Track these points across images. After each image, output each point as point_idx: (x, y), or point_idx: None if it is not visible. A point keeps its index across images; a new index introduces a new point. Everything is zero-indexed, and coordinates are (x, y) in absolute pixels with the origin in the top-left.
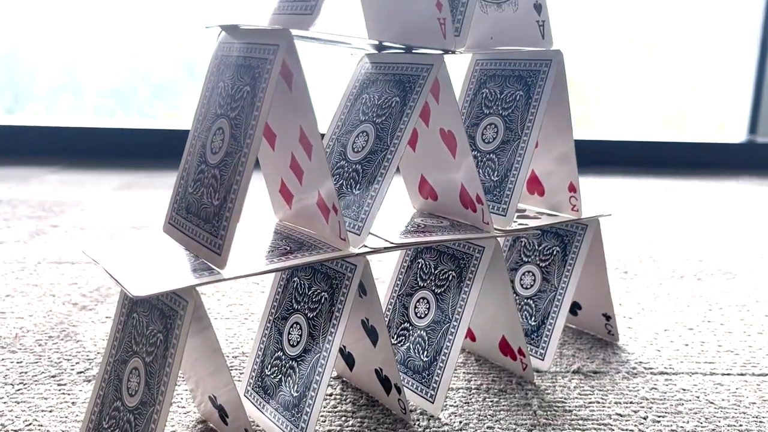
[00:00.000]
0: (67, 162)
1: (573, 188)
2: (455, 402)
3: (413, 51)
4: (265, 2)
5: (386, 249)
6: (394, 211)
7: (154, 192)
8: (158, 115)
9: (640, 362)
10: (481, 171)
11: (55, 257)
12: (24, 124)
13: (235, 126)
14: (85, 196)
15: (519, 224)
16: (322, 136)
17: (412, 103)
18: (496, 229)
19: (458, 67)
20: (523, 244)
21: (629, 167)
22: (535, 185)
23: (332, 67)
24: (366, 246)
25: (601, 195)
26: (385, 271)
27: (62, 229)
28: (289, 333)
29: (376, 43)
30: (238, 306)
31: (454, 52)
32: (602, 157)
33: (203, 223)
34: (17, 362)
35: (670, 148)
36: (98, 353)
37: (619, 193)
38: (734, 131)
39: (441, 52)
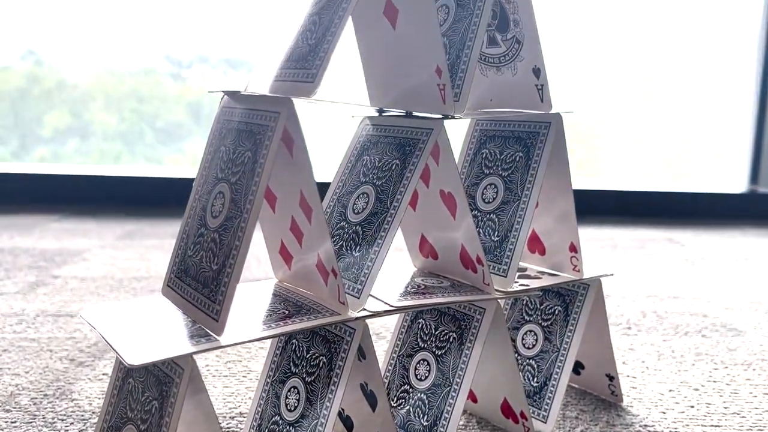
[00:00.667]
0: (70, 210)
1: (574, 248)
2: None
3: (413, 114)
4: (267, 66)
5: (386, 312)
6: (394, 269)
7: (157, 242)
8: (163, 159)
9: (645, 425)
10: (481, 231)
11: (54, 310)
12: (27, 172)
13: (236, 191)
14: (87, 246)
15: (520, 285)
16: (322, 194)
17: (412, 166)
18: (496, 290)
19: (458, 127)
20: (524, 302)
21: (631, 217)
22: (536, 244)
23: (333, 127)
24: (365, 309)
25: (603, 246)
26: (385, 326)
27: (63, 280)
28: (286, 397)
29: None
30: (237, 363)
31: (453, 117)
32: (604, 206)
33: (201, 288)
34: (11, 422)
35: (672, 198)
36: (93, 413)
37: (621, 244)
38: (735, 181)
39: (441, 116)
